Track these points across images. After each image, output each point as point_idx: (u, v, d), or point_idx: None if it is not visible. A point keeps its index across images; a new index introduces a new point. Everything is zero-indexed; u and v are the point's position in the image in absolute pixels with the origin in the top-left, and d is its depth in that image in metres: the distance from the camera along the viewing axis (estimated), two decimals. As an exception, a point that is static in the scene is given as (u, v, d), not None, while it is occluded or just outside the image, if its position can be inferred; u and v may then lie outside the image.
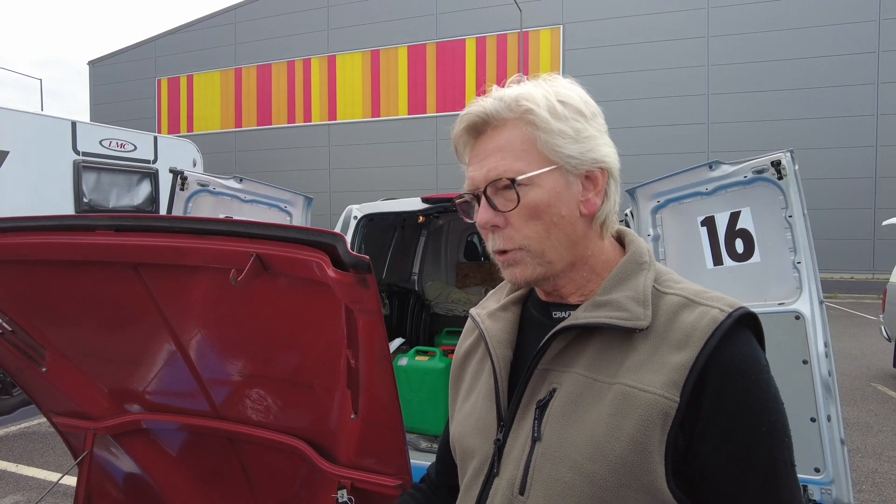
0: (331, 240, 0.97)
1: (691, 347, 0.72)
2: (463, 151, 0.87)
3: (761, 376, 0.72)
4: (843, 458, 2.37)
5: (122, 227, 1.27)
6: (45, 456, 4.73)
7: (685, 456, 0.72)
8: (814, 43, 18.18)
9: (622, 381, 0.74)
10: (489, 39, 21.97)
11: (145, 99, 26.58)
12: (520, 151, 0.80)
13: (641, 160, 17.85)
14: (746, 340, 0.74)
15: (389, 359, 1.08)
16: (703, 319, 0.74)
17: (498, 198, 0.81)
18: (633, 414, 0.72)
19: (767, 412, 0.71)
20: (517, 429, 0.82)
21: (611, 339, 0.78)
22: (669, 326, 0.76)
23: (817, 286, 2.49)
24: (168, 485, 1.86)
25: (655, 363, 0.74)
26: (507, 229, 0.81)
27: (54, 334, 1.63)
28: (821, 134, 18.02)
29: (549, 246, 0.81)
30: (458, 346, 1.04)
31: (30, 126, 5.93)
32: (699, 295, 0.78)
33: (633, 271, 0.82)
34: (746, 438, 0.71)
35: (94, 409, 1.75)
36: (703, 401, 0.71)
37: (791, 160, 2.49)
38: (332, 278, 0.98)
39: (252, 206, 3.44)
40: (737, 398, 0.70)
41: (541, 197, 0.79)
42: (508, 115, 0.81)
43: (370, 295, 0.97)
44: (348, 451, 1.40)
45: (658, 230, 2.91)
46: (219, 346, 1.46)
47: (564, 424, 0.77)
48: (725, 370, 0.71)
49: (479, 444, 0.86)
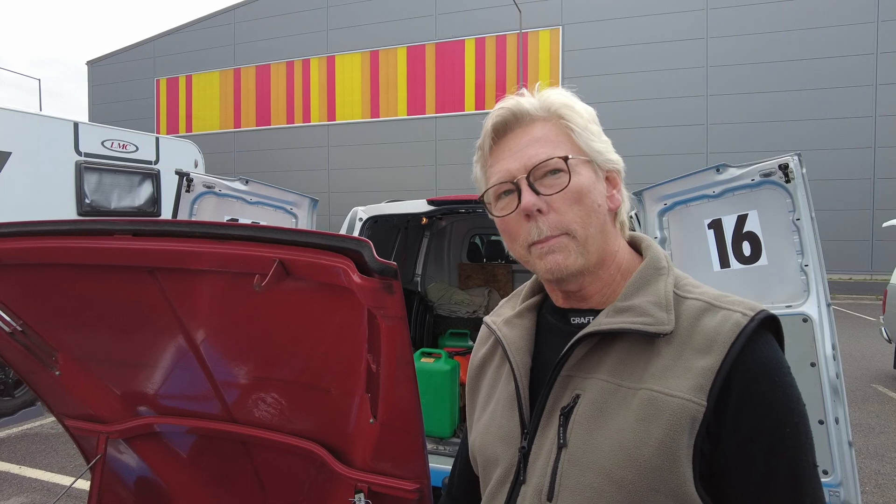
0: (356, 246, 0.97)
1: (716, 352, 0.73)
2: (487, 153, 0.88)
3: (784, 379, 0.74)
4: (851, 460, 2.38)
5: (140, 232, 1.26)
6: (48, 458, 4.72)
7: (711, 459, 0.73)
8: (812, 45, 18.23)
9: (648, 387, 0.75)
10: (488, 40, 21.98)
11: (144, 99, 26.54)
12: (557, 142, 0.83)
13: (641, 161, 17.88)
14: (768, 343, 0.75)
15: (412, 363, 1.08)
16: (726, 323, 0.75)
17: (542, 183, 0.82)
18: (662, 419, 0.72)
19: (791, 414, 0.73)
20: (542, 436, 0.82)
21: (633, 344, 0.79)
22: (692, 331, 0.76)
23: (825, 289, 2.49)
24: (180, 488, 1.86)
25: (680, 368, 0.74)
26: (551, 214, 0.81)
27: (68, 338, 1.63)
28: (819, 135, 18.07)
29: (590, 233, 0.82)
30: (472, 355, 1.04)
31: (32, 127, 5.92)
32: (719, 299, 0.79)
33: (653, 276, 0.83)
34: (771, 440, 0.72)
35: (107, 412, 1.75)
36: (729, 404, 0.72)
37: (798, 163, 2.50)
38: (356, 284, 0.98)
39: (257, 208, 3.43)
40: (761, 401, 0.72)
41: (583, 182, 0.82)
42: (540, 113, 0.85)
43: (395, 300, 0.97)
44: (365, 454, 1.39)
45: (665, 232, 2.92)
46: (235, 350, 1.46)
47: (590, 430, 0.77)
48: (750, 373, 0.72)
49: (503, 452, 0.87)
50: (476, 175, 0.92)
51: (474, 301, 5.04)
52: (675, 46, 19.63)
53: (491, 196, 0.87)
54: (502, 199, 0.86)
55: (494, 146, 0.87)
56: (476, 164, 0.92)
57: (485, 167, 0.89)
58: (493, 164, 0.86)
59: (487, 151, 0.87)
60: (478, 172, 0.92)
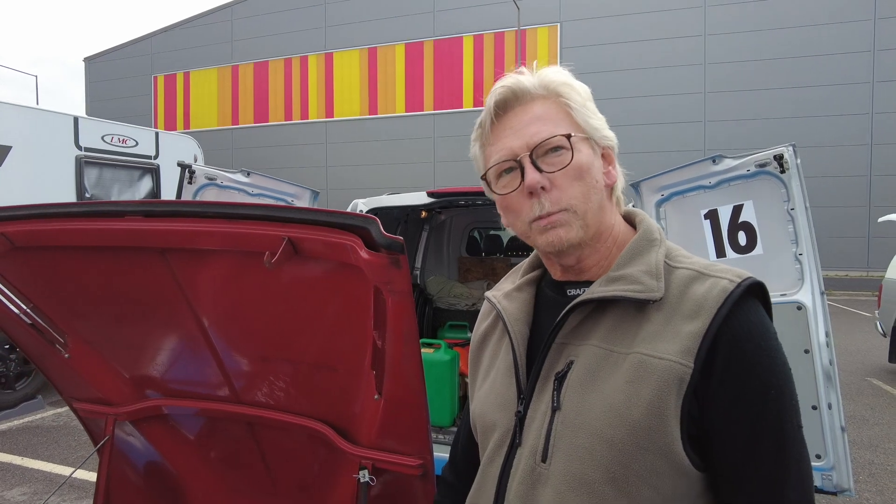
0: (363, 223, 1.01)
1: (703, 316, 0.76)
2: (488, 130, 0.89)
3: (769, 343, 0.76)
4: (843, 445, 2.42)
5: (150, 213, 1.29)
6: (50, 449, 4.74)
7: (698, 420, 0.75)
8: (810, 42, 18.28)
9: (638, 350, 0.78)
10: (486, 37, 21.98)
11: (141, 96, 26.48)
12: (558, 120, 0.86)
13: (638, 158, 17.92)
14: (755, 309, 0.78)
15: (417, 338, 1.12)
16: (713, 290, 0.77)
17: (544, 160, 0.84)
18: (650, 380, 0.75)
19: (776, 376, 0.75)
20: (537, 400, 0.85)
21: (625, 311, 0.82)
22: (682, 298, 0.79)
23: (819, 278, 2.54)
24: (187, 470, 1.89)
25: (669, 332, 0.77)
26: (554, 191, 0.83)
27: (78, 321, 1.66)
28: (816, 132, 18.13)
29: (590, 208, 0.85)
30: (475, 329, 1.07)
31: (32, 121, 5.93)
32: (709, 268, 0.82)
33: (645, 247, 0.86)
34: (756, 402, 0.74)
35: (115, 394, 1.78)
36: (715, 367, 0.74)
37: (793, 154, 2.54)
38: (364, 260, 1.02)
39: (259, 200, 3.46)
40: (746, 363, 0.74)
41: (584, 159, 0.85)
42: (540, 91, 0.87)
43: (402, 275, 1.00)
44: (370, 431, 1.43)
45: (662, 223, 2.96)
46: (243, 332, 1.49)
47: (583, 393, 0.81)
48: (735, 337, 0.74)
49: (501, 418, 0.90)
50: (474, 154, 0.94)
51: (473, 294, 5.07)
52: (672, 43, 19.66)
53: (492, 174, 0.89)
54: (504, 177, 0.88)
55: (495, 124, 0.88)
56: (475, 142, 0.93)
57: (484, 146, 0.91)
58: (494, 142, 0.88)
59: (488, 129, 0.89)
60: (476, 151, 0.93)
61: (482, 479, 0.92)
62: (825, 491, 2.42)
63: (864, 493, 3.96)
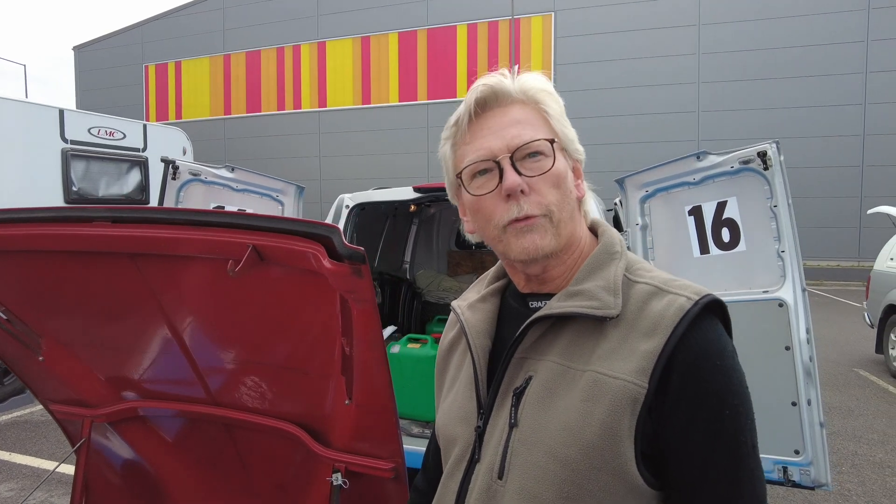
0: (326, 231, 1.00)
1: (659, 335, 0.75)
2: (464, 129, 0.87)
3: (726, 362, 0.75)
4: (822, 440, 2.44)
5: (119, 219, 1.29)
6: (39, 444, 4.74)
7: (653, 440, 0.75)
8: (803, 32, 18.24)
9: (593, 369, 0.77)
10: (480, 26, 21.83)
11: (132, 85, 26.21)
12: (538, 126, 0.85)
13: (631, 148, 17.92)
14: (712, 327, 0.77)
15: (383, 345, 1.12)
16: (670, 308, 0.76)
17: (523, 164, 0.83)
18: (604, 400, 0.75)
19: (732, 395, 0.74)
20: (496, 416, 0.85)
21: (584, 327, 0.81)
22: (639, 315, 0.78)
23: (800, 274, 2.55)
24: (165, 471, 1.89)
25: (625, 351, 0.76)
26: (533, 195, 0.82)
27: (51, 323, 1.65)
28: (809, 123, 18.15)
29: (564, 217, 0.84)
30: (442, 339, 1.06)
31: (16, 114, 5.85)
32: (668, 283, 0.81)
33: (604, 261, 0.86)
34: (711, 421, 0.73)
35: (91, 396, 1.78)
36: (670, 386, 0.73)
37: (776, 151, 2.54)
38: (327, 269, 1.01)
39: (244, 196, 3.44)
40: (702, 383, 0.73)
41: (561, 167, 0.85)
42: (520, 96, 0.86)
43: (364, 284, 1.00)
44: (343, 435, 1.43)
45: (646, 219, 2.96)
46: (215, 334, 1.48)
47: (539, 410, 0.80)
48: (691, 356, 0.74)
49: (462, 432, 0.89)
50: (444, 153, 0.91)
51: (462, 288, 5.08)
52: (667, 33, 19.58)
53: (467, 174, 0.86)
54: (478, 178, 0.86)
55: (473, 122, 0.86)
56: (446, 141, 0.90)
57: (458, 145, 0.89)
58: (471, 141, 0.86)
59: (465, 127, 0.86)
60: (447, 150, 0.90)
61: (442, 494, 0.92)
62: (803, 486, 2.45)
63: (846, 485, 4.01)
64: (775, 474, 2.51)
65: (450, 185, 0.94)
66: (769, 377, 2.53)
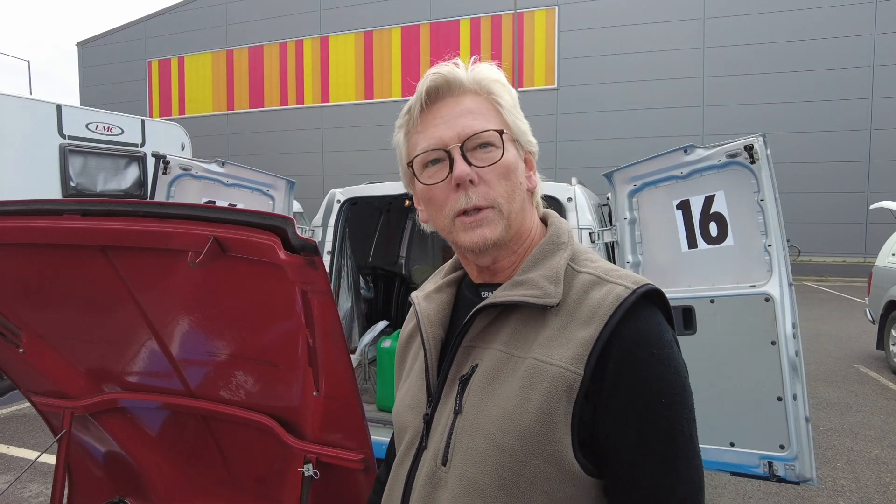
0: (281, 223, 1.01)
1: (596, 323, 0.75)
2: (416, 117, 0.87)
3: (664, 351, 0.75)
4: (807, 436, 2.43)
5: (88, 212, 1.29)
6: (36, 437, 4.79)
7: (591, 427, 0.75)
8: (810, 25, 18.09)
9: (533, 356, 0.78)
10: (483, 20, 21.76)
11: (135, 81, 26.29)
12: (489, 117, 0.85)
13: (636, 143, 17.83)
14: (649, 316, 0.77)
15: (343, 336, 1.13)
16: (608, 296, 0.77)
17: (473, 154, 0.83)
18: (540, 386, 0.75)
19: (667, 385, 0.74)
20: (443, 403, 0.86)
21: (528, 316, 0.82)
22: (579, 303, 0.79)
23: (787, 269, 2.54)
24: (146, 462, 1.91)
25: (564, 338, 0.77)
26: (482, 186, 0.82)
27: (30, 316, 1.67)
28: (815, 117, 18.02)
29: (514, 208, 0.84)
30: (402, 329, 1.07)
31: (14, 110, 5.88)
32: (609, 273, 0.81)
33: (550, 251, 0.86)
34: (645, 410, 0.74)
35: (72, 388, 1.79)
36: (606, 374, 0.74)
37: (763, 144, 2.52)
38: (283, 260, 1.02)
39: (234, 190, 3.45)
40: (637, 372, 0.74)
41: (511, 159, 0.85)
42: (472, 86, 0.86)
43: (319, 276, 1.00)
44: (314, 427, 1.45)
45: (634, 213, 2.95)
46: (188, 327, 1.49)
47: (482, 398, 0.81)
48: (626, 345, 0.74)
49: (412, 420, 0.91)
50: (397, 141, 0.91)
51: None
52: (671, 27, 19.46)
53: (418, 163, 0.87)
54: (429, 168, 0.86)
55: (425, 111, 0.86)
56: (399, 129, 0.91)
57: (410, 133, 0.89)
58: (423, 130, 0.86)
59: (417, 116, 0.86)
60: (400, 139, 0.90)
61: (392, 481, 0.93)
62: (788, 480, 2.44)
63: (839, 480, 4.00)
64: (760, 469, 2.50)
65: (403, 174, 0.94)
66: (755, 372, 2.53)
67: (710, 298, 2.67)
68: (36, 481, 3.91)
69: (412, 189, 0.94)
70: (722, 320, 2.62)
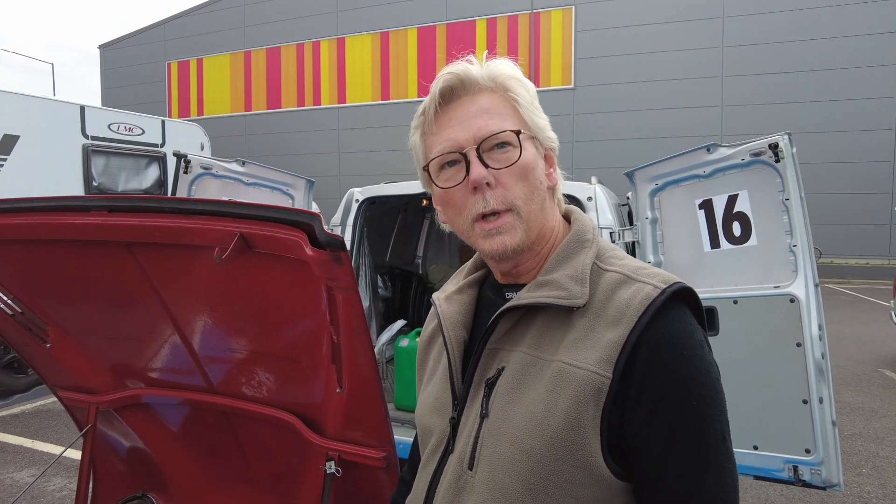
0: (308, 219, 1.00)
1: (624, 324, 0.73)
2: (431, 119, 0.85)
3: (693, 351, 0.73)
4: (833, 440, 2.38)
5: (114, 208, 1.31)
6: (60, 432, 4.87)
7: (620, 430, 0.73)
8: (831, 23, 17.77)
9: (559, 359, 0.76)
10: (500, 21, 21.71)
11: (155, 83, 26.65)
12: (506, 115, 0.83)
13: (653, 143, 17.66)
14: (680, 316, 0.75)
15: (367, 333, 1.12)
16: (637, 296, 0.75)
17: (490, 156, 0.81)
18: (567, 390, 0.73)
19: (698, 386, 0.72)
20: (470, 406, 0.85)
21: (553, 317, 0.80)
22: (606, 304, 0.77)
23: (813, 269, 2.49)
24: (168, 457, 1.93)
25: (591, 340, 0.75)
26: (499, 188, 0.80)
27: (57, 311, 1.69)
28: (838, 117, 17.68)
29: (533, 210, 0.82)
30: (422, 330, 1.06)
31: (39, 110, 6.00)
32: (637, 271, 0.79)
33: (574, 250, 0.84)
34: (674, 412, 0.71)
35: (96, 383, 1.82)
36: (634, 376, 0.72)
37: (789, 143, 2.47)
38: (310, 256, 1.02)
39: (255, 189, 3.48)
40: (666, 372, 0.71)
41: (529, 158, 0.82)
42: (488, 83, 0.84)
43: (345, 272, 1.00)
44: (335, 424, 1.44)
45: (656, 213, 2.92)
46: (211, 324, 1.50)
47: (508, 401, 0.79)
48: (656, 345, 0.72)
49: (437, 423, 0.89)
50: (414, 143, 0.90)
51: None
52: (689, 26, 19.24)
53: (434, 166, 0.85)
54: (446, 170, 0.84)
55: (439, 112, 0.84)
56: (415, 130, 0.89)
57: (426, 135, 0.87)
58: (438, 131, 0.84)
59: (431, 117, 0.85)
60: (416, 140, 0.89)
61: (417, 484, 0.92)
62: (814, 485, 2.39)
63: (865, 487, 3.91)
64: (785, 473, 2.46)
65: (421, 177, 0.92)
66: (779, 374, 2.48)
67: (733, 299, 2.62)
68: (60, 475, 3.97)
69: (430, 190, 0.93)
70: (745, 321, 2.58)
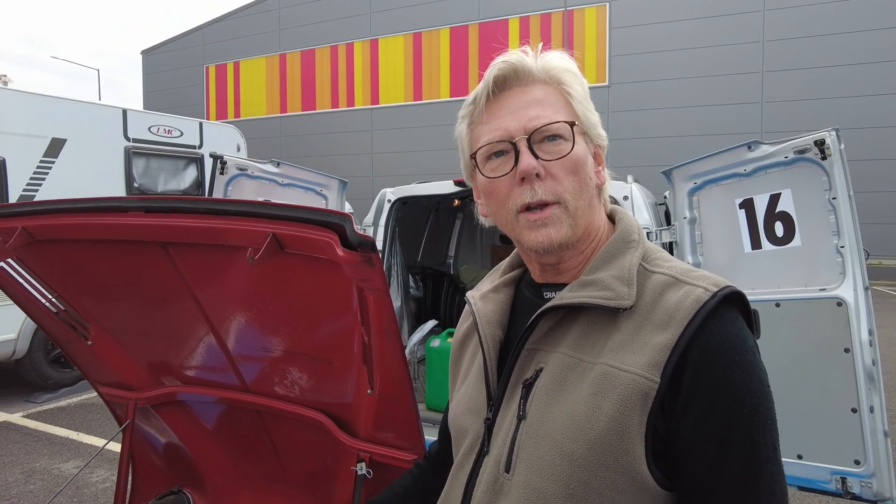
0: (339, 220, 1.00)
1: (674, 328, 0.71)
2: (482, 107, 0.84)
3: (745, 357, 0.70)
4: (886, 451, 2.27)
5: (151, 209, 1.33)
6: (103, 425, 5.03)
7: (666, 438, 0.71)
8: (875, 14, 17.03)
9: (604, 361, 0.74)
10: (532, 19, 21.54)
11: (194, 86, 27.36)
12: (559, 108, 0.81)
13: (690, 141, 17.25)
14: (731, 320, 0.72)
15: (398, 334, 1.11)
16: (687, 299, 0.72)
17: (541, 147, 0.79)
18: (613, 394, 0.71)
19: (750, 394, 0.69)
20: (506, 408, 0.83)
21: (596, 318, 0.78)
22: (654, 306, 0.74)
23: (862, 272, 2.38)
24: (202, 454, 1.96)
25: (638, 343, 0.73)
26: (549, 180, 0.78)
27: (97, 309, 1.74)
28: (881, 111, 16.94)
29: (581, 205, 0.80)
30: (456, 329, 1.05)
31: (85, 115, 6.23)
32: (686, 274, 0.76)
33: (620, 250, 0.82)
34: (727, 420, 0.69)
35: (135, 380, 1.86)
36: (683, 382, 0.69)
37: (836, 139, 2.37)
38: (341, 257, 1.01)
39: (289, 190, 3.52)
40: (717, 379, 0.69)
41: (581, 152, 0.81)
42: (542, 75, 0.82)
43: (376, 273, 0.99)
44: (367, 425, 1.44)
45: (694, 212, 2.84)
46: (244, 322, 1.52)
47: (548, 403, 0.77)
48: (707, 351, 0.69)
49: (471, 424, 0.88)
50: (460, 132, 0.88)
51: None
52: (728, 20, 18.72)
53: (482, 155, 0.83)
54: (493, 160, 0.82)
55: (491, 101, 0.82)
56: (463, 119, 0.88)
57: (474, 124, 0.85)
58: (488, 120, 0.82)
59: (483, 105, 0.83)
60: (462, 130, 0.88)
61: (450, 485, 0.90)
62: (863, 499, 2.28)
63: (917, 499, 3.72)
64: (832, 485, 2.35)
65: (465, 167, 0.91)
66: (826, 381, 2.38)
67: (776, 302, 2.53)
68: (103, 467, 4.10)
69: (473, 182, 0.92)
70: (788, 325, 2.48)
